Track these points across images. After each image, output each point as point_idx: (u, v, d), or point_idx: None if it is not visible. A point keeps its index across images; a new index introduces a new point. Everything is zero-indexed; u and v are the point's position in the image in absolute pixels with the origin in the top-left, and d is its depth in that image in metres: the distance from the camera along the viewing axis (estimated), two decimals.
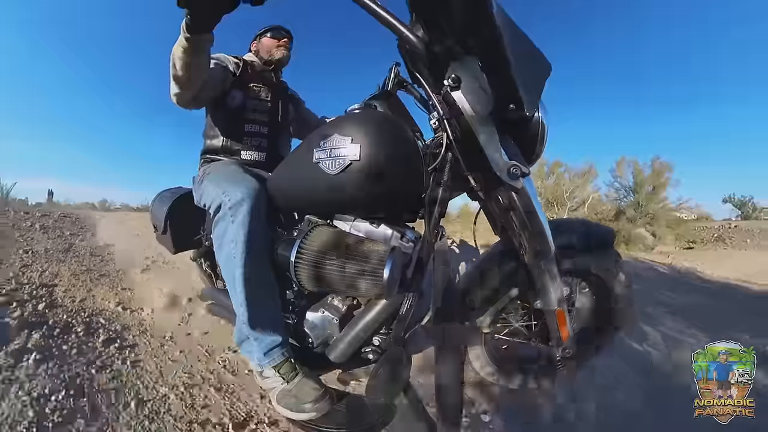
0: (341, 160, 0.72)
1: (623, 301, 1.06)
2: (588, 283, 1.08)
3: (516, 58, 0.58)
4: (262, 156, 1.19)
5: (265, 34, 1.28)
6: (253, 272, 0.82)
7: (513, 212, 0.75)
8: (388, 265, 0.66)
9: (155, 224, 1.21)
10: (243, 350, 0.87)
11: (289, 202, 0.89)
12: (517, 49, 0.60)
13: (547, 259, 0.81)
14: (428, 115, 0.89)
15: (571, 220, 1.05)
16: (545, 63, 0.70)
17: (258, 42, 1.30)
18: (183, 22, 0.73)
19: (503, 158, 0.66)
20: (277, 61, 1.27)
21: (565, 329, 0.91)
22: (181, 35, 0.77)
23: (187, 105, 1.02)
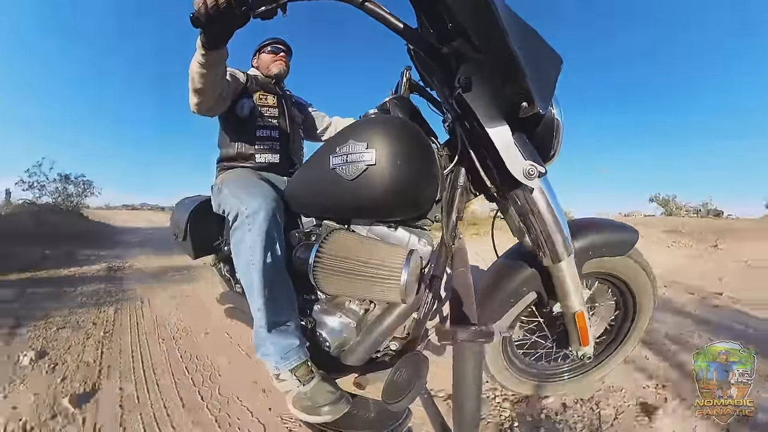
0: (358, 165, 0.72)
1: (645, 304, 1.03)
2: (609, 285, 1.04)
3: (525, 54, 0.57)
4: (276, 157, 1.23)
5: (263, 50, 1.34)
6: (270, 278, 0.84)
7: (531, 213, 0.74)
8: (406, 268, 0.66)
9: (175, 231, 1.25)
10: (260, 353, 0.88)
11: (306, 207, 0.90)
12: (526, 45, 0.59)
13: (567, 260, 0.79)
14: (442, 118, 0.89)
15: (592, 220, 1.01)
16: (556, 57, 0.68)
17: (257, 58, 1.36)
18: (198, 39, 0.78)
19: (519, 158, 0.65)
20: (275, 75, 1.32)
21: (586, 333, 0.89)
22: (197, 51, 0.82)
23: (207, 113, 1.08)
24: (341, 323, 0.85)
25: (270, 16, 0.68)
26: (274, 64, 1.32)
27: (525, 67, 0.56)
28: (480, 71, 0.64)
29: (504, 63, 0.58)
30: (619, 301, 1.07)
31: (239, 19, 0.68)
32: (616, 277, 0.99)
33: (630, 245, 0.94)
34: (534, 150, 0.69)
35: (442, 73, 0.72)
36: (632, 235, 0.93)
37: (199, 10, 0.66)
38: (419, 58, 0.86)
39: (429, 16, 0.68)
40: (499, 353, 1.05)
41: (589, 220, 1.00)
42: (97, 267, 2.97)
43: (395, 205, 0.76)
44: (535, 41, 0.67)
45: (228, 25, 0.71)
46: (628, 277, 0.98)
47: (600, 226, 0.94)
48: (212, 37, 0.76)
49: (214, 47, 0.79)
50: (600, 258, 0.91)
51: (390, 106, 0.86)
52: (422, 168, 0.75)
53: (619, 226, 0.95)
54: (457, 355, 0.57)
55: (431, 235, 0.85)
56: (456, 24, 0.61)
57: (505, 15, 0.55)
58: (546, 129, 0.71)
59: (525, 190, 0.70)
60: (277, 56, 1.33)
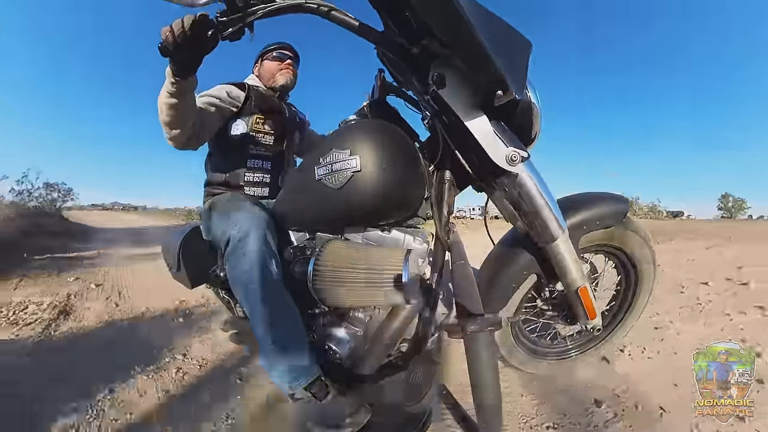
0: (343, 173, 0.72)
1: (646, 268, 1.04)
2: (609, 256, 1.06)
3: (493, 43, 0.58)
4: (266, 191, 1.15)
5: (267, 56, 1.19)
6: (271, 298, 0.83)
7: (520, 197, 0.74)
8: (405, 268, 0.66)
9: (169, 263, 1.22)
10: (272, 376, 0.86)
11: (297, 222, 0.89)
12: (493, 34, 0.60)
13: (562, 238, 0.80)
14: (421, 116, 0.90)
15: (582, 195, 1.02)
16: (524, 41, 0.69)
17: (260, 65, 1.21)
18: (167, 68, 0.76)
19: (500, 146, 0.66)
20: (281, 87, 1.18)
21: (591, 306, 0.89)
22: (167, 81, 0.79)
23: (184, 146, 1.00)
24: (348, 333, 0.84)
25: (237, 37, 0.68)
26: (280, 73, 1.17)
27: (494, 56, 0.57)
28: (451, 66, 0.65)
29: (473, 55, 0.58)
30: (620, 269, 1.08)
31: (208, 43, 0.68)
32: (614, 246, 1.00)
33: (622, 214, 0.95)
34: (514, 136, 0.69)
35: (415, 73, 0.72)
36: (623, 205, 0.95)
37: (167, 39, 0.65)
38: (390, 61, 0.86)
39: (394, 18, 0.68)
40: (509, 338, 1.06)
41: (579, 195, 1.01)
42: (89, 252, 4.64)
43: (386, 208, 0.76)
44: (502, 29, 0.68)
45: (197, 51, 0.69)
46: (625, 244, 0.99)
47: (591, 200, 0.95)
48: (182, 65, 0.74)
49: (184, 75, 0.77)
50: (595, 230, 0.93)
51: (368, 111, 0.87)
52: (408, 168, 0.75)
53: (609, 197, 0.97)
54: (470, 347, 0.57)
55: (426, 232, 0.85)
56: (421, 23, 0.61)
57: (468, 7, 0.56)
58: (524, 114, 0.72)
59: (510, 177, 0.71)
60: (284, 63, 1.18)
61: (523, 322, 1.11)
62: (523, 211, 0.77)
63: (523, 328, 1.12)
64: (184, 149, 1.03)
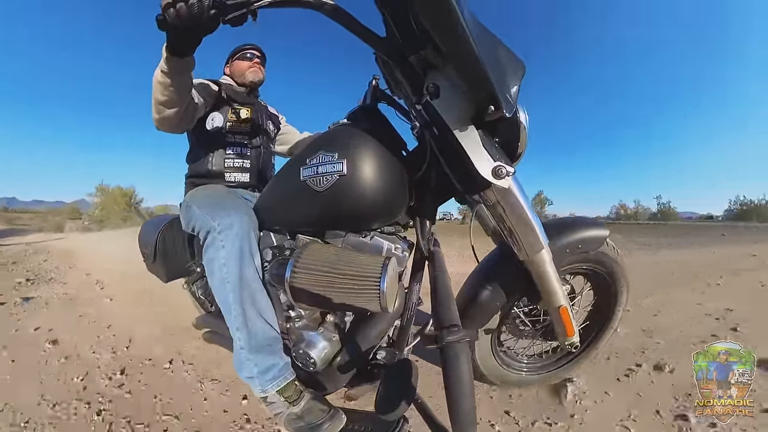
0: (329, 176, 0.72)
1: (620, 287, 1.08)
2: (586, 277, 1.10)
3: (490, 61, 0.59)
4: (246, 176, 1.19)
5: (237, 56, 1.27)
6: (246, 295, 0.81)
7: (503, 211, 0.76)
8: (384, 276, 0.66)
9: (144, 253, 1.18)
10: (243, 376, 0.84)
11: (279, 222, 0.88)
12: (491, 52, 0.62)
13: (544, 253, 0.82)
14: (410, 125, 0.90)
15: (563, 219, 1.07)
16: (519, 63, 0.72)
17: (230, 65, 1.29)
18: (164, 45, 0.74)
19: (488, 160, 0.67)
20: (250, 83, 1.26)
21: (570, 324, 0.92)
22: (163, 58, 0.77)
23: (171, 129, 1.00)
24: (324, 337, 0.83)
25: (240, 22, 0.66)
26: (250, 71, 1.25)
27: (491, 73, 0.59)
28: (447, 78, 0.66)
29: (470, 70, 0.60)
30: (596, 289, 1.13)
31: (209, 24, 0.64)
32: (592, 268, 1.04)
33: (602, 240, 0.99)
34: (502, 151, 0.71)
35: (410, 81, 0.73)
36: (603, 231, 1.00)
37: (167, 12, 0.61)
38: (387, 67, 0.87)
39: (397, 25, 0.69)
40: (490, 354, 1.07)
41: (562, 220, 1.06)
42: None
43: (369, 213, 0.76)
44: (499, 48, 0.70)
45: (196, 30, 0.66)
46: (603, 266, 1.04)
47: (573, 224, 0.99)
48: (179, 42, 0.71)
49: (180, 53, 0.75)
50: (575, 253, 0.96)
51: (359, 116, 0.87)
52: (393, 175, 0.75)
53: (590, 223, 1.01)
54: (446, 357, 0.57)
55: (407, 240, 0.85)
56: (423, 32, 0.62)
57: (470, 23, 0.58)
58: (512, 131, 0.74)
59: (495, 190, 0.72)
60: (253, 62, 1.26)
61: (500, 336, 1.13)
62: (506, 226, 0.78)
63: (500, 341, 1.13)
64: (172, 132, 1.03)
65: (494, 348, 1.09)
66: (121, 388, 1.24)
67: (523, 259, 0.83)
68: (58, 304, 2.21)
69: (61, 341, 1.62)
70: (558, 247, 0.91)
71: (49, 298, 2.35)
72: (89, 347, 1.56)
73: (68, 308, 2.13)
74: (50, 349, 1.53)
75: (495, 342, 1.09)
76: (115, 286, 2.70)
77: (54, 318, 1.93)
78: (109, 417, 1.10)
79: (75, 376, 1.32)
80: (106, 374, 1.33)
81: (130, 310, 2.08)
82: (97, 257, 4.31)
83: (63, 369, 1.37)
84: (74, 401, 1.16)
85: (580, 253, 0.97)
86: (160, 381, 1.30)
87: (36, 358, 1.46)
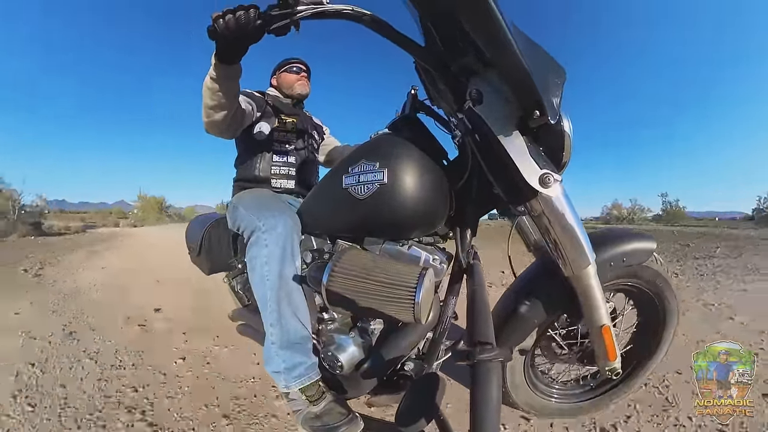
0: (369, 185, 0.74)
1: (670, 309, 0.98)
2: (631, 297, 1.01)
3: (533, 66, 0.58)
4: (291, 183, 1.25)
5: (284, 69, 1.33)
6: (283, 294, 0.84)
7: (549, 223, 0.72)
8: (420, 287, 0.66)
9: (190, 246, 1.27)
10: (270, 370, 0.87)
11: (320, 226, 0.91)
12: (532, 57, 0.60)
13: (588, 273, 0.76)
14: (450, 135, 0.90)
15: (609, 230, 0.99)
16: (559, 68, 0.69)
17: (277, 77, 1.35)
18: (213, 54, 0.80)
19: (534, 167, 0.65)
20: (298, 95, 1.33)
21: (613, 346, 0.85)
22: (212, 65, 0.84)
23: (220, 134, 1.08)
24: (354, 342, 0.84)
25: (284, 32, 0.69)
26: (298, 83, 1.32)
27: (535, 78, 0.58)
28: (490, 84, 0.65)
29: (514, 75, 0.59)
30: (640, 309, 1.03)
31: (254, 34, 0.69)
32: (636, 285, 0.95)
33: (649, 253, 0.91)
34: (548, 159, 0.68)
35: (452, 89, 0.73)
36: (650, 243, 0.91)
37: (216, 23, 0.68)
38: (427, 76, 0.88)
39: (438, 33, 0.69)
40: (521, 375, 1.01)
41: (606, 231, 0.98)
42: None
43: (407, 223, 0.76)
44: (540, 54, 0.69)
45: (243, 39, 0.71)
46: (648, 283, 0.95)
47: (617, 236, 0.92)
48: (227, 51, 0.77)
49: (228, 61, 0.81)
50: (622, 268, 0.89)
51: (399, 126, 0.88)
52: (433, 185, 0.75)
53: (636, 236, 0.93)
54: (476, 376, 0.55)
55: (445, 252, 0.84)
56: (465, 39, 0.62)
57: (513, 30, 0.57)
58: (556, 139, 0.71)
59: (542, 200, 0.69)
60: (300, 76, 1.33)
61: (534, 358, 1.06)
62: (552, 238, 0.74)
63: (533, 363, 1.07)
64: (221, 136, 1.10)
65: (526, 370, 1.03)
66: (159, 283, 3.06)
67: (568, 275, 0.77)
68: (131, 249, 5.79)
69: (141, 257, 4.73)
70: (600, 261, 0.84)
71: (129, 245, 6.26)
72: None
73: (136, 249, 5.71)
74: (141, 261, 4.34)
75: (528, 363, 1.03)
76: (157, 244, 6.26)
77: (135, 252, 5.33)
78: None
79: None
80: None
81: (166, 251, 4.96)
82: (145, 237, 8.25)
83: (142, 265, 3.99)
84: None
85: (623, 268, 0.89)
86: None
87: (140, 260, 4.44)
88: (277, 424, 1.12)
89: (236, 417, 1.15)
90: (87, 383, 1.35)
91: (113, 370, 1.46)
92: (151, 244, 6.29)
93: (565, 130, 0.71)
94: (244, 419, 1.14)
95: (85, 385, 1.34)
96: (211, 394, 1.28)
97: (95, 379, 1.38)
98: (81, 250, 5.24)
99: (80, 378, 1.39)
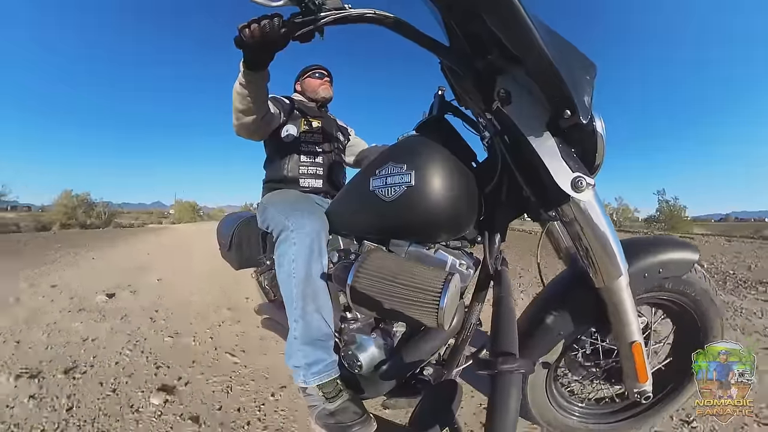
0: (397, 187, 0.74)
1: (712, 328, 0.90)
2: (666, 311, 0.93)
3: (562, 63, 0.55)
4: (319, 182, 1.29)
5: (308, 75, 1.40)
6: (309, 291, 0.86)
7: (581, 229, 0.68)
8: (445, 293, 0.65)
9: (221, 242, 1.34)
10: (291, 364, 0.90)
11: (347, 227, 0.93)
12: (561, 53, 0.57)
13: (620, 284, 0.72)
14: (479, 136, 0.89)
15: (646, 239, 0.92)
16: (589, 64, 0.66)
17: (301, 82, 1.42)
18: (240, 61, 0.85)
19: (566, 170, 0.62)
20: (322, 98, 1.39)
21: (643, 367, 0.79)
22: (240, 72, 0.89)
23: (250, 136, 1.15)
24: (375, 343, 0.84)
25: (308, 39, 0.71)
26: (321, 88, 1.39)
27: (565, 75, 0.55)
28: (517, 83, 0.63)
29: (542, 72, 0.57)
30: (678, 327, 0.94)
31: (279, 41, 0.71)
32: (674, 299, 0.88)
33: (690, 264, 0.84)
34: (580, 162, 0.65)
35: (479, 88, 0.71)
36: (692, 253, 0.84)
37: (242, 32, 0.71)
38: (454, 76, 0.87)
39: (461, 31, 0.67)
40: (543, 390, 0.97)
41: (642, 238, 0.91)
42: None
43: (434, 226, 0.76)
44: (568, 49, 0.65)
45: (269, 47, 0.74)
46: (689, 298, 0.87)
47: (654, 245, 0.85)
48: (254, 58, 0.80)
49: (255, 68, 0.84)
50: (658, 280, 0.83)
51: (427, 127, 0.87)
52: (461, 188, 0.74)
53: (675, 244, 0.86)
54: (496, 386, 0.54)
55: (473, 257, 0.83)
56: (491, 37, 0.60)
57: (537, 24, 0.55)
58: (588, 140, 0.67)
59: (574, 205, 0.65)
60: (323, 81, 1.40)
61: (557, 374, 1.02)
62: (583, 245, 0.70)
63: (556, 377, 1.03)
64: (250, 138, 1.17)
65: (548, 384, 0.98)
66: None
67: (599, 286, 0.73)
68: (174, 238, 8.58)
69: (180, 245, 7.10)
70: (634, 271, 0.78)
71: (180, 232, 11.00)
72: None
73: (184, 234, 10.18)
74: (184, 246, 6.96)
75: (550, 378, 0.99)
76: (192, 235, 9.22)
77: (184, 235, 9.65)
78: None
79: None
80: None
81: (203, 234, 9.04)
82: (185, 230, 11.98)
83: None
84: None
85: (660, 279, 0.82)
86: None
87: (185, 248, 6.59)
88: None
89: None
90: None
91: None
92: (192, 233, 10.42)
93: (598, 131, 0.67)
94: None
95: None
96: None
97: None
98: (152, 234, 9.67)
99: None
